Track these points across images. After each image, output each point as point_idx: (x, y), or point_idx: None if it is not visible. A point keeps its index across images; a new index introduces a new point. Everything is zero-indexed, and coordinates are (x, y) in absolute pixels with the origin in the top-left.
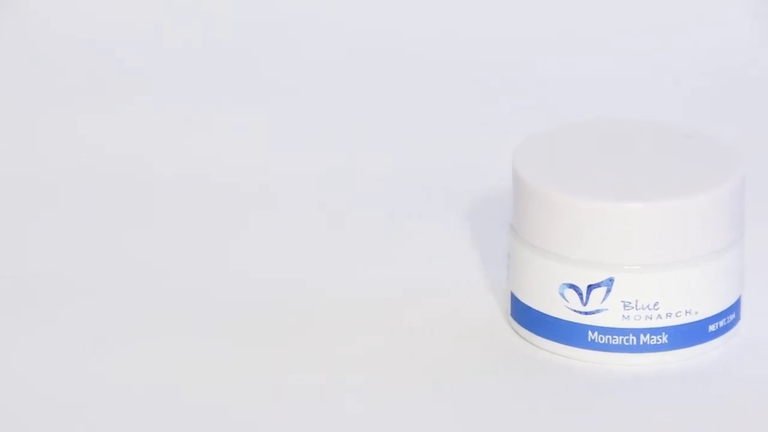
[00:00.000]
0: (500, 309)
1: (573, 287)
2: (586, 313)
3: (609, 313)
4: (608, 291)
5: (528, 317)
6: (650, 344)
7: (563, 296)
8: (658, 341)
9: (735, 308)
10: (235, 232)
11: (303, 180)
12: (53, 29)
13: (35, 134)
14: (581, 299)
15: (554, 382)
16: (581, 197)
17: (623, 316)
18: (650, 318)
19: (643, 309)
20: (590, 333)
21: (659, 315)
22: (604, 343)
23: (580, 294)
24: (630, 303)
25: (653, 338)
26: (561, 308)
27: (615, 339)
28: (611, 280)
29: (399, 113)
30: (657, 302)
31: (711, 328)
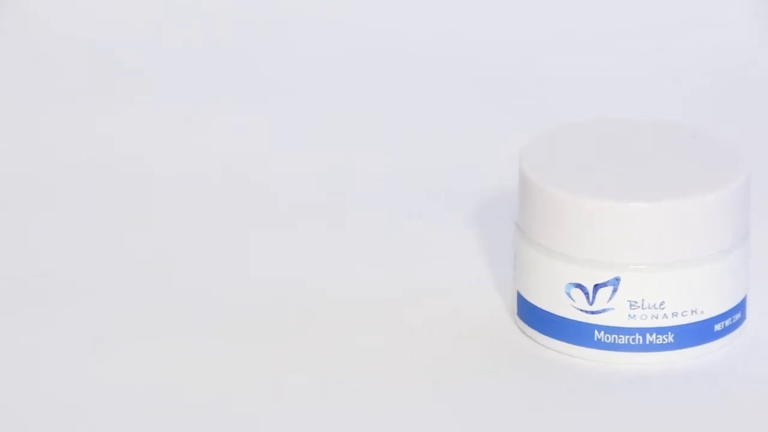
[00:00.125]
0: (506, 308)
1: (579, 287)
2: (593, 313)
3: (615, 313)
4: (614, 290)
5: (534, 317)
6: (656, 343)
7: (570, 296)
8: (664, 341)
9: (740, 308)
10: (235, 232)
11: (303, 180)
12: (53, 29)
13: (35, 134)
14: (588, 299)
15: (560, 382)
16: (588, 197)
17: (629, 316)
18: (656, 317)
19: (650, 308)
20: (596, 332)
21: (665, 314)
22: (611, 343)
23: (587, 293)
24: (636, 302)
25: (659, 337)
26: (567, 308)
27: (621, 338)
28: (617, 280)
29: (399, 113)
30: (663, 302)
31: (717, 328)
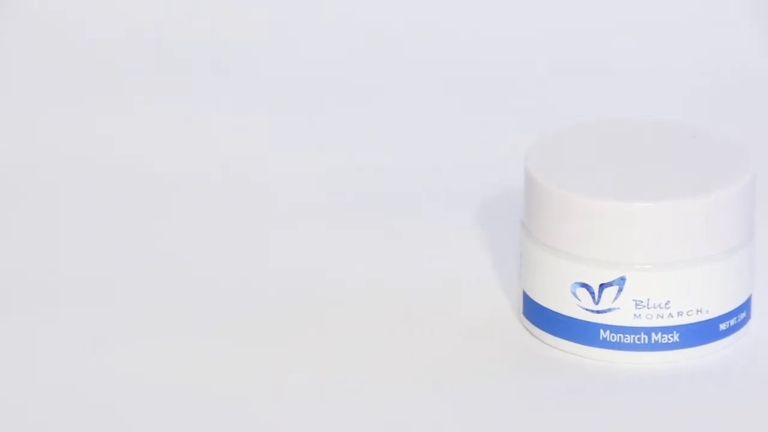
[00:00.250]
0: (512, 308)
1: (585, 286)
2: (598, 312)
3: (621, 312)
4: (620, 290)
5: (540, 316)
6: (662, 343)
7: (575, 295)
8: (670, 340)
9: (745, 307)
10: (235, 233)
11: (303, 180)
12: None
13: (35, 134)
14: (593, 298)
15: (566, 381)
16: (593, 197)
17: (635, 315)
18: (662, 317)
19: (655, 308)
20: (602, 332)
21: (670, 314)
22: (616, 342)
23: (592, 293)
24: (641, 302)
25: (665, 337)
26: (573, 307)
27: (627, 338)
28: (623, 279)
29: (399, 113)
30: (668, 301)
31: (722, 327)
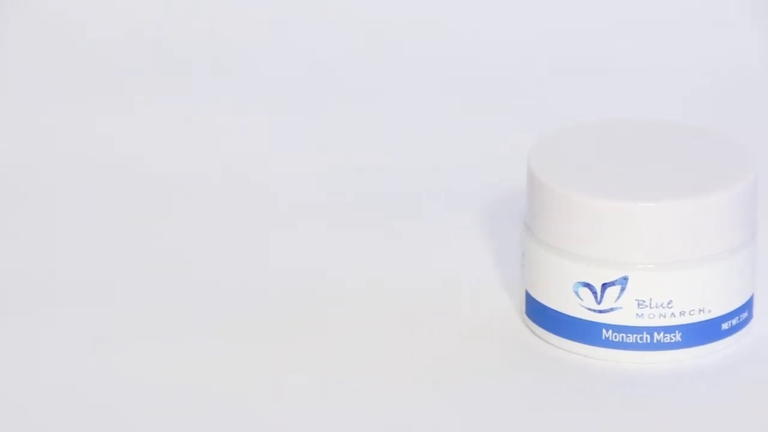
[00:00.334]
0: (515, 307)
1: (587, 286)
2: (601, 312)
3: (623, 312)
4: (622, 289)
5: (543, 315)
6: (664, 342)
7: (578, 295)
8: (672, 339)
9: (747, 307)
10: (235, 233)
11: (303, 180)
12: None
13: (35, 134)
14: (596, 298)
15: (568, 380)
16: (596, 197)
17: (637, 315)
18: (664, 316)
19: (657, 307)
20: (604, 331)
21: (673, 313)
22: (619, 342)
23: (595, 292)
24: (644, 301)
25: (667, 336)
26: (575, 306)
27: (629, 337)
28: (625, 279)
29: (399, 113)
30: (671, 301)
31: (724, 327)
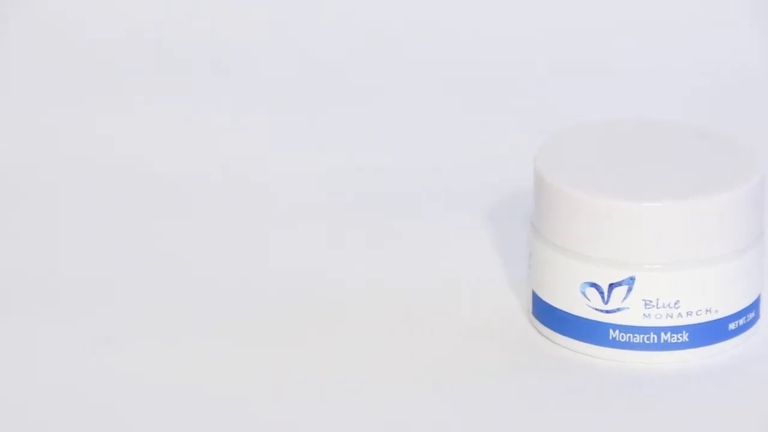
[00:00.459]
0: (522, 307)
1: (594, 286)
2: (608, 312)
3: (630, 312)
4: (629, 290)
5: (549, 316)
6: (671, 342)
7: (585, 295)
8: (679, 339)
9: (755, 307)
10: (235, 233)
11: (303, 180)
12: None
13: (34, 134)
14: (602, 298)
15: (575, 380)
16: (603, 197)
17: (644, 315)
18: (671, 316)
19: (664, 307)
20: (611, 331)
21: (680, 313)
22: (626, 342)
23: (602, 293)
24: (651, 302)
25: (674, 336)
26: (582, 307)
27: (636, 337)
28: (632, 279)
29: (399, 113)
30: (678, 301)
31: (731, 327)
